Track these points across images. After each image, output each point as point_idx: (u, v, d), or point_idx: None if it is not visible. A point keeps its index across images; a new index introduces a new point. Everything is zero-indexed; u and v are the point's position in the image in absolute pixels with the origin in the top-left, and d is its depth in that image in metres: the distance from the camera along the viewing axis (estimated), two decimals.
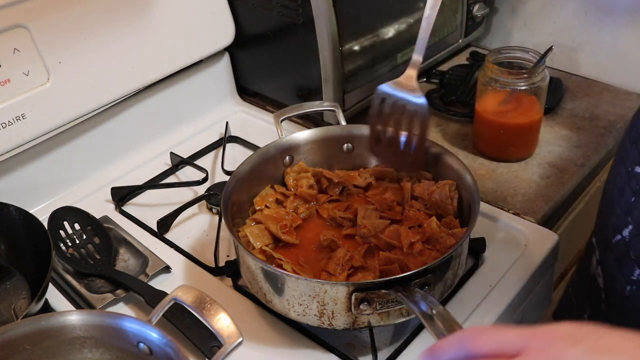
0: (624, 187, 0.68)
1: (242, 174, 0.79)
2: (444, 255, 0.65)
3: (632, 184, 0.67)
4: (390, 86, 0.74)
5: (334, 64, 0.96)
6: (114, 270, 0.80)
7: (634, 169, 0.67)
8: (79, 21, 0.87)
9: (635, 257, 0.66)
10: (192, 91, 1.09)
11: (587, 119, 1.06)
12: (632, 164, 0.67)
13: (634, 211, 0.66)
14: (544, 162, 0.97)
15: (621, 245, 0.68)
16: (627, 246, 0.67)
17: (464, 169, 0.76)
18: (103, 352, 0.63)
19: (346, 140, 0.86)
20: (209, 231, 0.88)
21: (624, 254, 0.67)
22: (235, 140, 1.06)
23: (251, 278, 0.70)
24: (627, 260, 0.67)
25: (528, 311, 0.82)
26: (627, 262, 0.67)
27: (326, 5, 0.92)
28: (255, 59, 1.12)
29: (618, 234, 0.68)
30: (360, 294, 0.62)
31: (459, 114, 1.07)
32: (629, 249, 0.66)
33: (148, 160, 1.02)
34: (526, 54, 0.94)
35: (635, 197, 0.65)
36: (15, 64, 0.82)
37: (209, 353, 0.68)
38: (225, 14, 1.06)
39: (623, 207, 0.68)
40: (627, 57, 1.12)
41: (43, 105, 0.86)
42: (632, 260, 0.66)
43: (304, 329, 0.72)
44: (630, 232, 0.66)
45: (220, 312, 0.59)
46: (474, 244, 0.80)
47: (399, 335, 0.72)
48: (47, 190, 0.94)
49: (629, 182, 0.67)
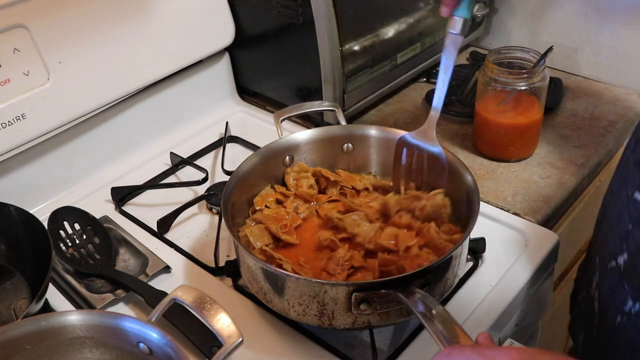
0: (623, 211, 0.65)
1: (242, 174, 0.79)
2: (444, 256, 0.65)
3: (630, 210, 0.63)
4: (412, 136, 0.80)
5: (334, 64, 0.96)
6: (114, 270, 0.79)
7: (633, 194, 0.63)
8: (79, 21, 0.87)
9: (629, 288, 0.63)
10: (192, 91, 1.09)
11: (587, 119, 1.06)
12: (632, 188, 0.63)
13: (630, 240, 0.62)
14: (544, 162, 0.97)
15: (615, 273, 0.65)
16: (622, 275, 0.64)
17: (464, 169, 0.76)
18: (103, 352, 0.63)
19: (346, 140, 0.86)
20: (209, 231, 0.88)
21: (618, 282, 0.64)
22: (235, 140, 1.06)
23: (251, 278, 0.70)
24: (621, 289, 0.64)
25: (528, 311, 0.82)
26: (620, 291, 0.64)
27: (326, 5, 0.92)
28: (255, 59, 1.12)
29: (613, 260, 0.65)
30: (360, 294, 0.62)
31: (459, 114, 1.07)
32: (623, 278, 0.64)
33: (148, 160, 1.02)
34: (526, 54, 0.94)
35: (633, 226, 0.62)
36: (15, 64, 0.82)
37: (209, 353, 0.68)
38: (225, 14, 1.06)
39: (620, 234, 0.65)
40: (627, 57, 1.12)
41: (43, 105, 0.86)
42: (625, 290, 0.63)
43: (304, 329, 0.72)
44: (625, 262, 0.63)
45: (220, 312, 0.59)
46: (474, 244, 0.80)
47: (399, 335, 0.72)
48: (47, 190, 0.94)
49: (628, 207, 0.64)
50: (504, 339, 0.76)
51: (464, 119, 1.06)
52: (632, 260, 0.62)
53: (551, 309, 0.95)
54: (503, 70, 0.91)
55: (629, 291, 0.62)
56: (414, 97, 1.15)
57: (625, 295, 0.63)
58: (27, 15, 0.82)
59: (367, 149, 0.86)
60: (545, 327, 0.96)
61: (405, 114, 1.10)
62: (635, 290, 0.62)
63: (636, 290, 0.61)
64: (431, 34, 1.11)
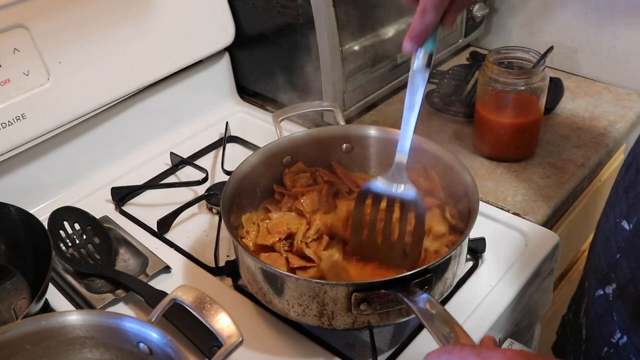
0: (610, 238, 0.63)
1: (242, 174, 0.79)
2: (444, 256, 0.65)
3: (617, 238, 0.61)
4: (378, 183, 0.69)
5: (334, 64, 0.96)
6: (114, 270, 0.80)
7: (621, 222, 0.60)
8: (79, 21, 0.87)
9: (618, 319, 0.60)
10: (192, 91, 1.09)
11: (587, 119, 1.06)
12: (620, 216, 0.61)
13: (617, 270, 0.60)
14: (544, 162, 0.97)
15: (603, 302, 0.62)
16: (610, 305, 0.61)
17: (463, 169, 0.76)
18: (103, 352, 0.63)
19: (345, 140, 0.86)
20: (209, 231, 0.88)
21: (606, 312, 0.62)
22: (235, 140, 1.06)
23: (251, 279, 0.70)
24: (609, 319, 0.61)
25: (528, 311, 0.82)
26: (608, 321, 0.61)
27: (326, 5, 0.92)
28: (255, 59, 1.12)
29: (601, 288, 0.63)
30: (360, 294, 0.62)
31: (459, 114, 1.07)
32: (611, 308, 0.61)
33: (148, 160, 1.02)
34: (526, 54, 0.94)
35: (620, 255, 0.60)
36: (15, 64, 0.82)
37: (209, 353, 0.68)
38: (225, 14, 1.06)
39: (608, 262, 0.62)
40: (627, 57, 1.12)
41: (43, 105, 0.86)
42: (614, 321, 0.61)
43: (304, 329, 0.72)
44: (614, 292, 0.61)
45: (220, 312, 0.59)
46: (474, 244, 0.80)
47: (399, 335, 0.72)
48: (47, 190, 0.94)
49: (615, 234, 0.61)
50: (504, 339, 0.76)
51: (464, 119, 1.06)
52: (620, 291, 0.60)
53: (551, 309, 0.95)
54: (503, 70, 0.91)
55: (617, 322, 0.60)
56: None
57: (614, 326, 0.61)
58: (27, 15, 0.82)
59: (366, 149, 0.86)
60: (545, 327, 0.96)
61: None
62: (624, 321, 0.60)
63: (624, 321, 0.60)
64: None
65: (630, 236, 0.59)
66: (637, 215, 0.58)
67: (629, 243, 0.59)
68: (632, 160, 0.63)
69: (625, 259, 0.59)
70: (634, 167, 0.62)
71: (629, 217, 0.60)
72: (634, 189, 0.60)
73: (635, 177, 0.61)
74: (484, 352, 0.47)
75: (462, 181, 0.76)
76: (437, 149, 0.80)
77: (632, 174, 0.62)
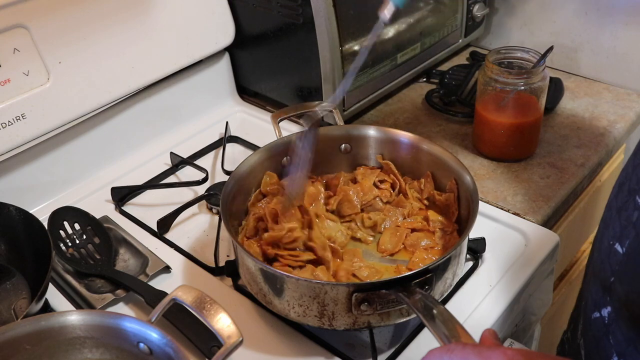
0: (604, 260, 0.61)
1: (241, 174, 0.79)
2: (444, 256, 0.65)
3: (611, 261, 0.60)
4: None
5: (334, 64, 0.96)
6: (114, 270, 0.80)
7: (614, 245, 0.59)
8: (79, 21, 0.87)
9: (614, 343, 0.59)
10: (192, 91, 1.09)
11: (587, 119, 1.06)
12: (613, 238, 0.60)
13: (612, 293, 0.59)
14: (544, 162, 0.97)
15: (600, 325, 0.62)
16: (607, 328, 0.60)
17: (463, 169, 0.76)
18: (103, 352, 0.63)
19: (344, 140, 0.86)
20: (209, 231, 0.88)
21: (603, 335, 0.61)
22: (235, 140, 1.06)
23: (250, 279, 0.70)
24: (606, 343, 0.60)
25: (528, 311, 0.82)
26: (605, 344, 0.61)
27: (326, 5, 0.92)
28: (255, 59, 1.12)
29: (597, 311, 0.62)
30: (361, 295, 0.62)
31: (459, 114, 1.07)
32: (608, 332, 0.60)
33: (148, 160, 1.02)
34: (526, 54, 0.94)
35: (614, 278, 0.59)
36: (15, 64, 0.82)
37: (209, 353, 0.68)
38: (225, 14, 1.06)
39: (603, 283, 0.61)
40: (627, 57, 1.12)
41: (43, 105, 0.86)
42: (611, 345, 0.60)
43: (304, 329, 0.72)
44: (610, 315, 0.60)
45: (220, 312, 0.59)
46: (474, 244, 0.80)
47: (399, 335, 0.72)
48: (47, 190, 0.94)
49: (609, 257, 0.60)
50: (504, 339, 0.76)
51: (464, 119, 1.06)
52: (616, 314, 0.59)
53: (551, 309, 0.95)
54: (503, 70, 0.91)
55: (614, 345, 0.60)
56: (414, 97, 1.15)
57: (611, 349, 0.60)
58: (27, 15, 0.82)
59: (366, 149, 0.86)
60: (545, 327, 0.96)
61: (405, 114, 1.10)
62: (619, 344, 0.59)
63: (619, 345, 0.59)
64: (431, 34, 1.11)
65: (623, 260, 0.58)
66: (629, 239, 0.58)
67: (623, 266, 0.58)
68: (624, 180, 0.62)
69: (619, 283, 0.59)
70: (626, 187, 0.61)
71: (621, 240, 0.59)
72: (626, 210, 0.60)
73: (627, 198, 0.60)
74: (485, 352, 0.47)
75: (462, 181, 0.76)
76: (437, 149, 0.80)
77: (624, 194, 0.61)
